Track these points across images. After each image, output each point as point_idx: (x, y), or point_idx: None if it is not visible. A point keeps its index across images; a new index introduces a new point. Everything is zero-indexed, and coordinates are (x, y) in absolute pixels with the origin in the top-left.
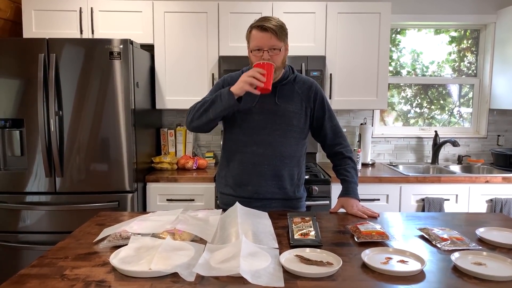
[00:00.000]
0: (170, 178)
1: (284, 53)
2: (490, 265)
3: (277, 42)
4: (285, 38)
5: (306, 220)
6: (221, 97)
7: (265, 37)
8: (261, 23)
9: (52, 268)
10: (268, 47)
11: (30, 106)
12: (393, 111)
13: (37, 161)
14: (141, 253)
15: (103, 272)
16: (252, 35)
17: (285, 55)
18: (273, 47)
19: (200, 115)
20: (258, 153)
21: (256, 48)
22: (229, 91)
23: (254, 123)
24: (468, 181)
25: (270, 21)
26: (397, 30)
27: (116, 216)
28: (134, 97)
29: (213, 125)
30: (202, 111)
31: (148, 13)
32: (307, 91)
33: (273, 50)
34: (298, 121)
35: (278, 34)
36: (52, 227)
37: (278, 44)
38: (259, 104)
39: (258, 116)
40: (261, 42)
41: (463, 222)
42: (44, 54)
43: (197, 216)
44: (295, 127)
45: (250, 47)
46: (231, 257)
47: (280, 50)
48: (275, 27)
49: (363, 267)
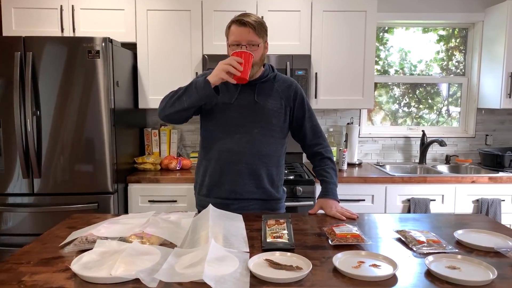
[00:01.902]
0: (152, 178)
1: (262, 50)
2: (465, 269)
3: (256, 38)
4: (264, 35)
5: (281, 222)
6: (197, 86)
7: (244, 32)
8: (240, 18)
9: (10, 274)
10: (246, 42)
11: (6, 106)
12: (381, 111)
13: (14, 162)
14: (105, 258)
15: (63, 278)
16: (231, 31)
17: (264, 52)
18: (251, 42)
19: (173, 103)
20: (236, 151)
21: (235, 43)
22: (205, 79)
23: (232, 120)
24: (455, 181)
25: (249, 16)
26: (385, 29)
27: (89, 219)
28: (114, 97)
29: (186, 116)
30: (176, 99)
31: (130, 11)
32: (287, 90)
33: (252, 46)
34: (278, 120)
35: (256, 29)
36: (33, 229)
37: (256, 40)
38: (238, 101)
39: (236, 113)
40: (239, 37)
41: (444, 224)
42: (21, 53)
43: (169, 219)
44: (275, 126)
45: (229, 42)
46: (197, 262)
47: (258, 46)
48: (254, 23)
49: (334, 272)
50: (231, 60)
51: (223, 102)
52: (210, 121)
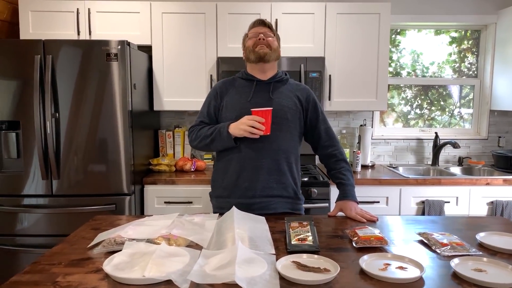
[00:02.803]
0: (168, 180)
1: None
2: (491, 272)
3: (271, 33)
4: (276, 33)
5: (304, 224)
6: (221, 137)
7: (261, 28)
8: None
9: (44, 275)
10: (263, 32)
11: (26, 108)
12: (393, 112)
13: (33, 164)
14: (135, 259)
15: (96, 279)
16: (249, 31)
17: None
18: (268, 34)
19: (203, 146)
20: (255, 148)
21: (253, 34)
22: (228, 134)
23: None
24: (469, 183)
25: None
26: (397, 31)
27: (112, 220)
28: (132, 99)
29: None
30: (205, 144)
31: (145, 14)
32: (300, 92)
33: (268, 37)
34: (293, 116)
35: (271, 29)
36: (49, 230)
37: (272, 34)
38: (253, 99)
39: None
40: (257, 30)
41: (463, 226)
42: (41, 56)
43: (193, 220)
44: (290, 122)
45: (248, 37)
46: (226, 264)
47: (274, 37)
48: (270, 25)
49: (361, 274)
50: (253, 121)
51: (240, 102)
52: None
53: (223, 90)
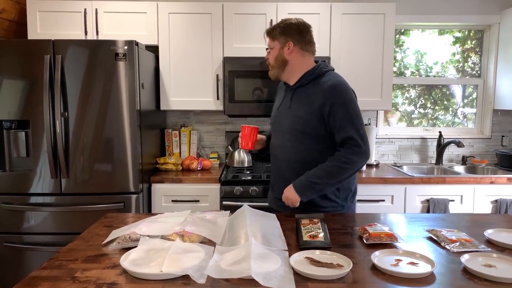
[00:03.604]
0: (175, 179)
1: (277, 52)
2: (500, 267)
3: (270, 42)
4: (279, 37)
5: (315, 222)
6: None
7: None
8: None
9: (62, 270)
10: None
11: (35, 107)
12: (397, 112)
13: (42, 162)
14: (151, 255)
15: (114, 274)
16: None
17: (281, 53)
18: (268, 47)
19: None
20: (274, 155)
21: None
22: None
23: (274, 126)
24: (473, 182)
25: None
26: (401, 31)
27: (123, 218)
28: (140, 98)
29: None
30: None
31: (152, 14)
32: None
33: (268, 52)
34: (305, 126)
35: (270, 33)
36: (57, 228)
37: (271, 44)
38: (281, 106)
39: (277, 119)
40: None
41: (470, 223)
42: (50, 56)
43: (206, 217)
44: (302, 132)
45: None
46: (241, 259)
47: (272, 49)
48: (269, 29)
49: (373, 269)
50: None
51: (274, 109)
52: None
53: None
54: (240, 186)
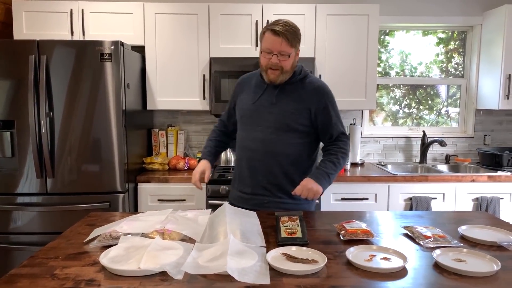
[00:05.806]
0: (161, 178)
1: (294, 59)
2: (470, 262)
3: (287, 48)
4: (296, 44)
5: (294, 219)
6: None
7: (276, 42)
8: (275, 27)
9: (42, 268)
10: (277, 52)
11: (20, 107)
12: (382, 112)
13: (28, 162)
14: (131, 253)
15: (93, 271)
16: (264, 37)
17: (295, 60)
18: (282, 52)
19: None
20: (252, 149)
21: (267, 50)
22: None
23: (251, 120)
24: (455, 180)
25: (284, 25)
26: (386, 32)
27: (107, 217)
28: (125, 98)
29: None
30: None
31: (139, 15)
32: (312, 94)
33: (282, 56)
34: (294, 121)
35: (289, 40)
36: (43, 228)
37: (288, 50)
38: (259, 101)
39: (255, 113)
40: (271, 46)
41: (447, 220)
42: (35, 56)
43: (187, 216)
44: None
45: (262, 48)
46: (219, 256)
47: (289, 56)
48: (287, 33)
49: (348, 264)
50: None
51: (247, 103)
52: (239, 121)
53: (239, 89)
54: (226, 186)
